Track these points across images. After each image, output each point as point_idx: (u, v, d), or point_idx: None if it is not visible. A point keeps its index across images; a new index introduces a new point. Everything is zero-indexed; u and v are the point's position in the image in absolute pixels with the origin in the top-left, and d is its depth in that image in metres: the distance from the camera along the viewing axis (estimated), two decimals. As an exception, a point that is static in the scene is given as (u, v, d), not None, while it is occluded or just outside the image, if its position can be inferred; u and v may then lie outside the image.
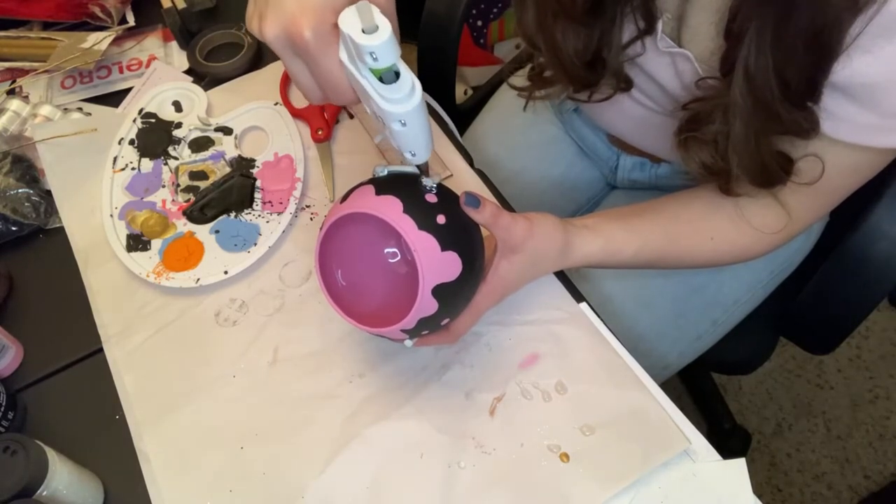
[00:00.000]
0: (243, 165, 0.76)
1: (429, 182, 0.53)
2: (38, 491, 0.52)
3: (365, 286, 0.59)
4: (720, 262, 0.68)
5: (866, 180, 0.58)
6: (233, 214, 0.73)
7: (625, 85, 0.67)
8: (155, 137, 0.78)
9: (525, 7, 0.64)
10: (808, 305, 0.79)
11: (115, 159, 0.77)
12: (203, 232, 0.72)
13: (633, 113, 0.72)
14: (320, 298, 0.67)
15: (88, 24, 0.92)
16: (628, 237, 0.63)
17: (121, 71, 0.89)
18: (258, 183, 0.75)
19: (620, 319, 0.77)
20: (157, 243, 0.71)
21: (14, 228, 0.73)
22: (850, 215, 0.71)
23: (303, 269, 0.70)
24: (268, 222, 0.72)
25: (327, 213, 0.59)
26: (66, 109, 0.82)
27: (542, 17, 0.63)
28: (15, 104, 0.79)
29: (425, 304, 0.51)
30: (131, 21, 0.94)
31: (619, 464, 0.56)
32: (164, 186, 0.75)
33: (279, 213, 0.72)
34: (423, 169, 0.53)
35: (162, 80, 0.86)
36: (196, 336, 0.66)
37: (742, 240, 0.64)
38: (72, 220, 0.74)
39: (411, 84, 0.45)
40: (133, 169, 0.76)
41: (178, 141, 0.78)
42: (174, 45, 0.91)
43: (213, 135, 0.79)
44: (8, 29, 0.93)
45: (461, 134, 0.91)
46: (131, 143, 0.78)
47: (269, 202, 0.73)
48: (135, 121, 0.79)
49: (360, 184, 0.55)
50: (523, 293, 0.64)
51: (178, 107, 0.82)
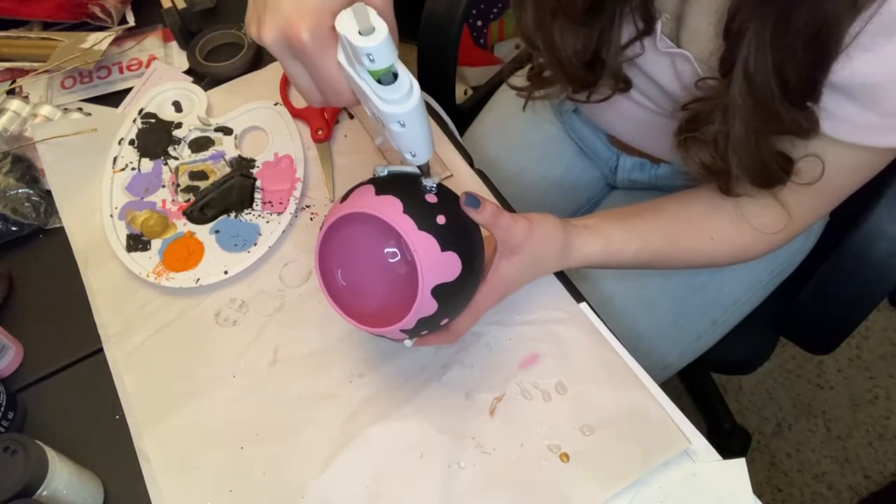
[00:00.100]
0: (243, 165, 0.76)
1: (429, 182, 0.53)
2: (38, 491, 0.52)
3: (365, 286, 0.59)
4: (720, 263, 0.68)
5: (866, 180, 0.58)
6: (233, 214, 0.73)
7: (624, 85, 0.67)
8: (155, 137, 0.78)
9: (524, 6, 0.64)
10: (808, 305, 0.79)
11: (115, 159, 0.77)
12: (203, 232, 0.72)
13: (633, 114, 0.72)
14: (320, 298, 0.67)
15: (88, 24, 0.92)
16: (628, 237, 0.63)
17: (121, 71, 0.89)
18: (258, 183, 0.75)
19: (620, 319, 0.77)
20: (157, 243, 0.71)
21: (14, 228, 0.73)
22: (850, 215, 0.71)
23: (303, 269, 0.70)
24: (268, 222, 0.72)
25: (327, 213, 0.59)
26: (66, 109, 0.82)
27: (541, 16, 0.63)
28: (15, 104, 0.79)
29: (425, 305, 0.51)
30: (131, 21, 0.94)
31: (619, 464, 0.56)
32: (164, 186, 0.75)
33: (279, 213, 0.72)
34: (424, 169, 0.53)
35: (162, 80, 0.86)
36: (196, 336, 0.66)
37: (742, 240, 0.64)
38: (72, 220, 0.74)
39: (409, 85, 0.45)
40: (133, 169, 0.76)
41: (178, 141, 0.78)
42: (174, 45, 0.91)
43: (213, 135, 0.79)
44: (8, 29, 0.93)
45: (461, 134, 0.91)
46: (131, 143, 0.78)
47: (269, 202, 0.73)
48: (135, 121, 0.79)
49: (360, 184, 0.55)
50: (523, 293, 0.64)
51: (178, 107, 0.82)
